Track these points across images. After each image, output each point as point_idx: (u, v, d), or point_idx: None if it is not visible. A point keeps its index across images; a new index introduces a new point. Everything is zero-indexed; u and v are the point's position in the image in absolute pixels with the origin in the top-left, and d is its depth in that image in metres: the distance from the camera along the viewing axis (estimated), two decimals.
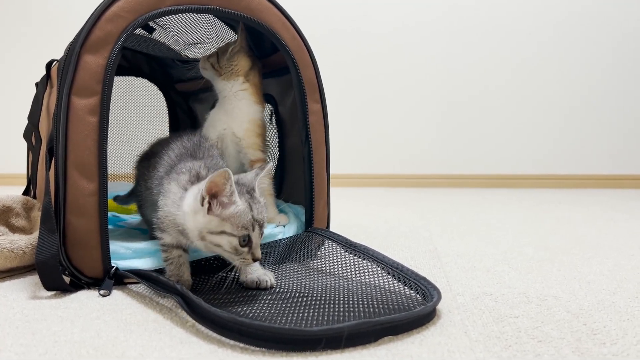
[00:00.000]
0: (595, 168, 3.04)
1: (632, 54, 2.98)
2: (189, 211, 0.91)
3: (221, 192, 0.87)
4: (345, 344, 0.73)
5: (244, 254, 0.89)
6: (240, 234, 0.88)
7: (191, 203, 0.91)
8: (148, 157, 1.25)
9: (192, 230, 0.91)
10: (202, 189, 0.87)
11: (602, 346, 0.75)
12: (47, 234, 0.97)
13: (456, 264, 1.23)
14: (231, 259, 0.91)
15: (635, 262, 1.24)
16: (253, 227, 0.89)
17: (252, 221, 0.89)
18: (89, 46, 1.01)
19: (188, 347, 0.75)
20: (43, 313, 0.89)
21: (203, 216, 0.88)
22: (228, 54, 1.36)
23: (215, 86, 1.42)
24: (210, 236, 0.89)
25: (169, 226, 0.96)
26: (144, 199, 1.24)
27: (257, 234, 0.90)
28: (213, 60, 1.39)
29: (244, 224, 0.88)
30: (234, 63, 1.36)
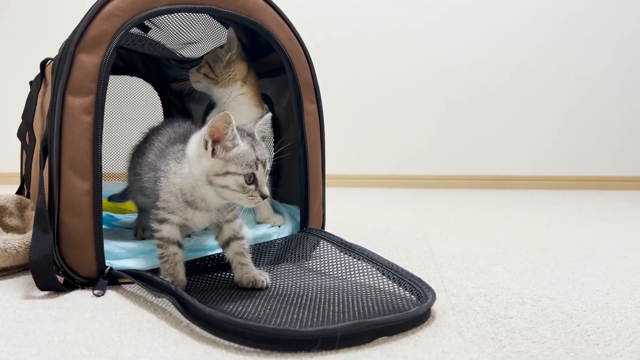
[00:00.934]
0: (591, 169, 3.05)
1: (630, 56, 2.99)
2: (193, 157, 0.93)
3: (223, 136, 0.90)
4: (340, 345, 0.73)
5: (252, 191, 0.92)
6: (245, 172, 0.91)
7: (195, 148, 0.93)
8: (139, 147, 1.25)
9: (200, 176, 0.93)
10: (205, 132, 0.90)
11: (595, 347, 0.75)
12: (41, 233, 0.97)
13: (451, 264, 1.23)
14: (241, 200, 0.93)
15: (628, 263, 1.25)
16: (257, 165, 0.92)
17: (255, 160, 0.92)
18: (84, 45, 1.01)
19: (182, 347, 0.74)
20: (36, 313, 0.88)
21: (208, 159, 0.91)
22: (225, 62, 1.35)
23: (212, 94, 1.41)
24: (217, 179, 0.92)
25: (175, 203, 0.97)
26: (135, 190, 1.25)
27: (262, 172, 0.93)
28: (206, 70, 1.38)
29: (248, 162, 0.91)
30: (231, 70, 1.36)
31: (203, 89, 1.42)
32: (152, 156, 1.08)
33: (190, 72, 1.43)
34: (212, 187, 0.93)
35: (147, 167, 1.08)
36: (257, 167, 0.92)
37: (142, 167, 1.11)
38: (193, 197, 0.96)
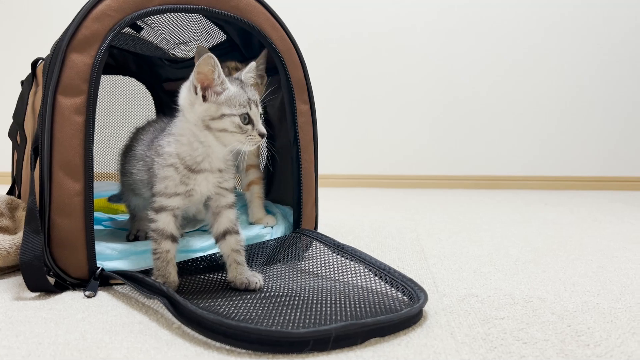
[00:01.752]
0: (583, 170, 3.07)
1: (620, 58, 3.01)
2: (186, 104, 0.95)
3: (211, 82, 0.92)
4: (332, 346, 0.73)
5: (249, 131, 0.94)
6: (240, 112, 0.93)
7: (186, 96, 0.95)
8: (127, 147, 1.25)
9: (197, 122, 0.94)
10: (192, 78, 0.92)
11: (586, 348, 0.75)
12: (32, 234, 0.96)
13: (443, 265, 1.24)
14: (241, 143, 0.94)
15: (618, 263, 1.26)
16: (250, 105, 0.94)
17: (248, 100, 0.94)
18: (76, 45, 1.00)
19: (174, 349, 0.74)
20: (27, 314, 0.88)
21: (200, 105, 0.93)
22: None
23: None
24: (213, 123, 0.93)
25: (176, 176, 0.97)
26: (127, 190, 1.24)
27: (255, 112, 0.95)
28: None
29: (241, 102, 0.93)
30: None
31: None
32: (139, 149, 1.08)
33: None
34: (212, 133, 0.94)
35: (135, 160, 1.08)
36: (250, 107, 0.94)
37: (130, 162, 1.11)
38: (193, 156, 0.96)
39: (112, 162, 1.84)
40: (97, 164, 1.07)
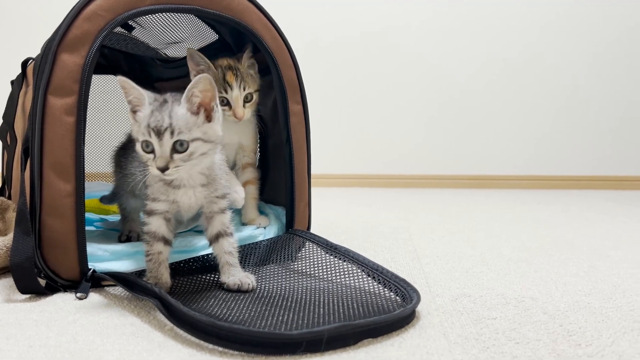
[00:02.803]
0: (576, 169, 3.08)
1: (614, 58, 3.03)
2: None
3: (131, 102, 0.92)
4: (325, 347, 0.73)
5: (150, 160, 0.90)
6: (142, 139, 0.89)
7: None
8: (125, 147, 1.24)
9: None
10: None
11: (577, 347, 0.76)
12: (22, 235, 0.95)
13: (436, 265, 1.24)
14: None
15: (610, 263, 1.26)
16: (149, 132, 0.88)
17: (147, 126, 0.88)
18: (66, 45, 0.99)
19: (166, 351, 0.74)
20: (17, 317, 0.87)
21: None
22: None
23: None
24: None
25: (157, 185, 0.96)
26: (123, 189, 1.23)
27: (156, 141, 0.88)
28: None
29: (143, 128, 0.89)
30: None
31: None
32: None
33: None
34: None
35: (137, 162, 1.07)
36: (150, 134, 0.87)
37: (132, 163, 1.09)
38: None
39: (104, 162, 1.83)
40: (89, 164, 1.06)
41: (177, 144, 0.87)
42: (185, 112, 0.88)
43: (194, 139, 0.88)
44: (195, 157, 0.89)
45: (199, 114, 0.89)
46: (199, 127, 0.89)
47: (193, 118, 0.88)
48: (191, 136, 0.88)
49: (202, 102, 0.89)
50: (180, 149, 0.88)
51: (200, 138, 0.89)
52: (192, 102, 0.89)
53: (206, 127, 0.90)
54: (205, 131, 0.90)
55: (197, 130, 0.88)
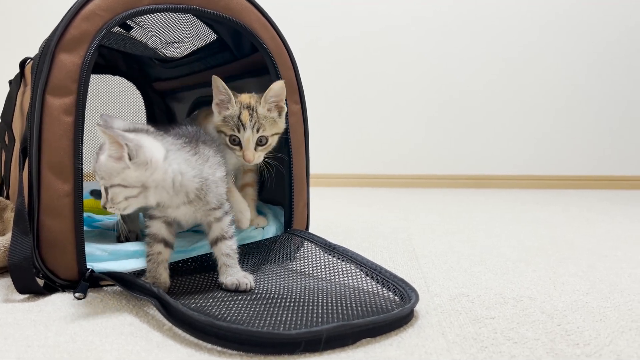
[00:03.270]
0: (575, 169, 3.09)
1: (614, 58, 3.03)
2: None
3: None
4: (324, 347, 0.73)
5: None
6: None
7: None
8: None
9: None
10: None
11: (575, 347, 0.76)
12: (21, 235, 0.95)
13: (434, 264, 1.24)
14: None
15: (608, 263, 1.27)
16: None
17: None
18: (65, 45, 0.99)
19: (165, 351, 0.74)
20: (16, 317, 0.87)
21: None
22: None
23: None
24: None
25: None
26: None
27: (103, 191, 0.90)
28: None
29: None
30: None
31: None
32: None
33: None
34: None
35: None
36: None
37: None
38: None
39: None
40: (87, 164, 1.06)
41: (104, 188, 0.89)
42: (108, 159, 0.87)
43: (113, 185, 0.88)
44: (120, 201, 0.89)
45: (121, 160, 0.86)
46: (119, 174, 0.87)
47: (115, 165, 0.87)
48: (111, 182, 0.88)
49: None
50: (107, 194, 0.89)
51: (120, 184, 0.88)
52: (114, 148, 0.86)
53: (125, 174, 0.87)
54: (125, 177, 0.87)
55: (117, 177, 0.87)
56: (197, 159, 0.96)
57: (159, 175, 0.89)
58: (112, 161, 0.86)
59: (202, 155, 0.97)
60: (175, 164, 0.91)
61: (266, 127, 1.16)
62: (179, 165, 0.92)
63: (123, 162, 0.86)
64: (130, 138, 0.86)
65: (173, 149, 0.93)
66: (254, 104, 1.15)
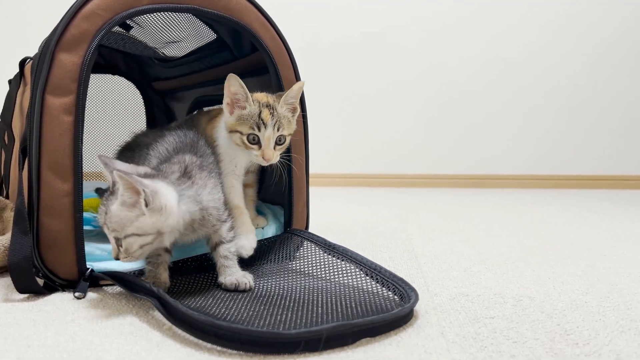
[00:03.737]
0: (576, 169, 3.09)
1: (614, 58, 3.03)
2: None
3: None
4: (324, 347, 0.73)
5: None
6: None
7: None
8: (130, 147, 1.24)
9: None
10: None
11: (574, 346, 0.76)
12: (20, 235, 0.95)
13: (434, 264, 1.24)
14: None
15: (607, 262, 1.27)
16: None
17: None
18: (64, 44, 0.99)
19: (165, 350, 0.74)
20: (15, 316, 0.87)
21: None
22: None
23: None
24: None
25: None
26: None
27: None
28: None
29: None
30: None
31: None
32: (155, 161, 1.05)
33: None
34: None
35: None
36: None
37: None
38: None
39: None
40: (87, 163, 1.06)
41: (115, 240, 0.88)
42: (120, 208, 0.85)
43: (127, 235, 0.86)
44: (135, 250, 0.88)
45: (136, 207, 0.85)
46: (133, 223, 0.86)
47: (129, 214, 0.85)
48: (124, 233, 0.86)
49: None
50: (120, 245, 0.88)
51: (134, 233, 0.86)
52: (129, 194, 0.85)
53: (140, 221, 0.86)
54: (140, 226, 0.86)
55: (130, 226, 0.86)
56: (197, 189, 0.95)
57: (173, 220, 0.88)
58: (125, 210, 0.85)
59: (200, 183, 0.97)
60: (184, 205, 0.91)
61: (284, 126, 1.13)
62: (187, 206, 0.91)
63: (137, 209, 0.84)
64: (147, 184, 0.84)
65: (182, 190, 0.93)
66: (273, 102, 1.13)
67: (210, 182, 0.99)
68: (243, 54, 1.43)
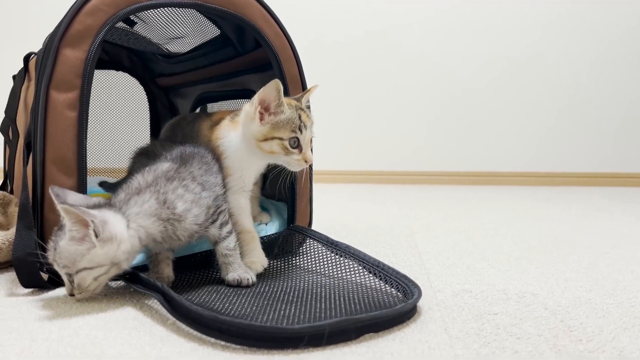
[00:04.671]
0: (579, 167, 3.08)
1: (616, 56, 3.02)
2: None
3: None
4: (327, 342, 0.73)
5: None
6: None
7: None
8: (146, 152, 1.24)
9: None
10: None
11: (578, 343, 0.76)
12: (25, 230, 0.96)
13: (437, 260, 1.24)
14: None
15: (611, 259, 1.26)
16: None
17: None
18: (69, 40, 0.99)
19: (168, 345, 0.74)
20: (20, 311, 0.87)
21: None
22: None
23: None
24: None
25: None
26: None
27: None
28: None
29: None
30: None
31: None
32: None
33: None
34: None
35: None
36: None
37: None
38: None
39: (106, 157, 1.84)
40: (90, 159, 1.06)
41: (67, 276, 0.85)
42: (69, 243, 0.83)
43: (79, 270, 0.84)
44: (89, 284, 0.86)
45: (85, 240, 0.83)
46: (84, 256, 0.83)
47: (79, 247, 0.83)
48: (76, 268, 0.84)
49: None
50: (73, 280, 0.85)
51: (86, 267, 0.84)
52: (77, 228, 0.83)
53: (92, 254, 0.83)
54: (92, 258, 0.84)
55: (82, 261, 0.83)
56: (152, 203, 0.91)
57: (126, 246, 0.86)
58: (74, 244, 0.82)
59: (161, 192, 0.93)
60: (133, 223, 0.88)
61: (312, 128, 1.10)
62: (136, 223, 0.88)
63: (87, 242, 0.82)
64: (94, 214, 0.82)
65: (130, 209, 0.89)
66: (300, 105, 1.09)
67: (180, 189, 0.95)
68: (247, 50, 1.43)
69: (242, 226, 1.10)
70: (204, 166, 1.02)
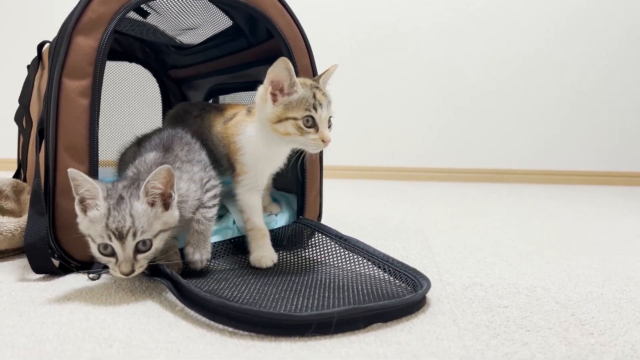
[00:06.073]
0: (587, 165, 3.05)
1: (625, 56, 2.98)
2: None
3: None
4: (335, 330, 0.73)
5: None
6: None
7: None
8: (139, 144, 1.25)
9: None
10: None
11: (589, 336, 0.75)
12: (37, 216, 0.96)
13: (447, 255, 1.23)
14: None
15: (624, 256, 1.25)
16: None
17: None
18: (81, 28, 1.00)
19: (176, 330, 0.74)
20: (31, 295, 0.88)
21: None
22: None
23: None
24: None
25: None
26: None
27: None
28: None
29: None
30: None
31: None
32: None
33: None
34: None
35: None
36: (110, 237, 0.85)
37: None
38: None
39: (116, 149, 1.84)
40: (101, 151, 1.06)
41: (140, 243, 0.85)
42: (145, 208, 0.85)
43: (156, 234, 0.87)
44: (160, 247, 0.89)
45: (155, 205, 0.87)
46: (160, 219, 0.87)
47: (153, 211, 0.86)
48: (154, 231, 0.86)
49: (163, 192, 0.87)
50: (144, 248, 0.86)
51: (162, 230, 0.87)
52: (151, 194, 0.86)
53: (166, 217, 0.88)
54: (166, 221, 0.88)
55: (158, 223, 0.87)
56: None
57: (177, 212, 0.92)
58: (150, 209, 0.86)
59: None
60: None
61: (331, 107, 1.07)
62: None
63: (157, 206, 0.87)
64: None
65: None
66: (316, 84, 1.07)
67: (176, 172, 0.96)
68: (259, 41, 1.42)
69: (253, 224, 1.11)
70: (185, 147, 1.06)
